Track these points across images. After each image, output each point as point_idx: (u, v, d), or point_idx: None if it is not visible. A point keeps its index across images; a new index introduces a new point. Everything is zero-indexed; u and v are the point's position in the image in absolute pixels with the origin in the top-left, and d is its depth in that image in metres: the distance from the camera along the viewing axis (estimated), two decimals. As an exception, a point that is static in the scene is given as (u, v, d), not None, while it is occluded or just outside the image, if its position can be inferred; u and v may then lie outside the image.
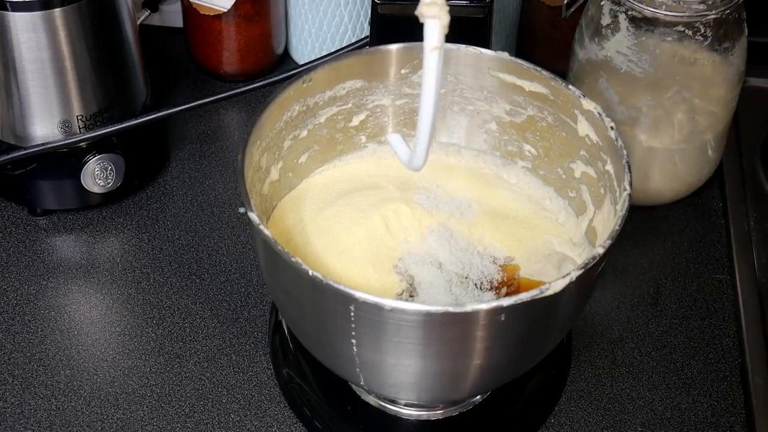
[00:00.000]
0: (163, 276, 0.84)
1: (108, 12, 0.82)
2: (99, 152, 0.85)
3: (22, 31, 0.78)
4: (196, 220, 0.89)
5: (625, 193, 0.66)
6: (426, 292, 0.70)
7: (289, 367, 0.77)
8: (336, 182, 0.79)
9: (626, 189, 0.66)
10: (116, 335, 0.80)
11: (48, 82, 0.80)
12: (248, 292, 0.83)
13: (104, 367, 0.77)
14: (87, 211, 0.89)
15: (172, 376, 0.77)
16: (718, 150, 0.90)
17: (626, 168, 0.67)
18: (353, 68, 0.75)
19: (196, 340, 0.79)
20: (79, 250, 0.86)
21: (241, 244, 0.87)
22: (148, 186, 0.92)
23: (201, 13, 0.99)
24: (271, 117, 0.71)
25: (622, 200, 0.66)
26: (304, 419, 0.74)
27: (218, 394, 0.76)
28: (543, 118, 0.75)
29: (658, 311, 0.83)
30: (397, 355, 0.61)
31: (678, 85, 0.82)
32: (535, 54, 1.00)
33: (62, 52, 0.80)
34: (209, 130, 0.99)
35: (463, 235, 0.74)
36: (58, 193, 0.86)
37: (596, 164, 0.72)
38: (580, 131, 0.73)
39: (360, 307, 0.58)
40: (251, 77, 1.03)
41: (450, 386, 0.66)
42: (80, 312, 0.81)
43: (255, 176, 0.71)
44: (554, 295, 0.58)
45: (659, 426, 0.75)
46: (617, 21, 0.82)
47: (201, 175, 0.94)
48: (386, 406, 0.74)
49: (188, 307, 0.82)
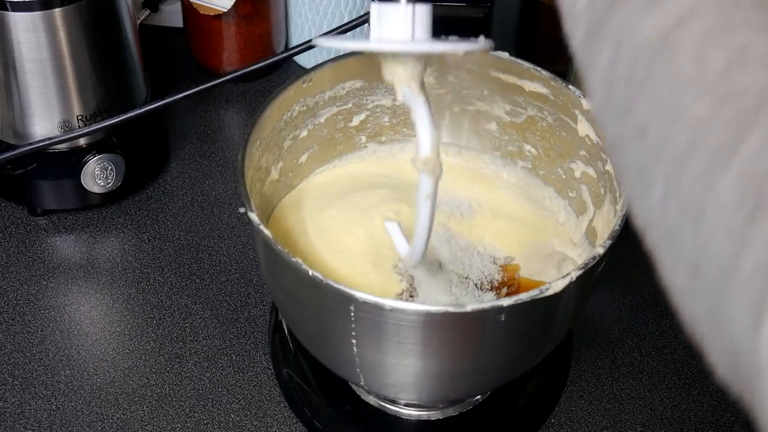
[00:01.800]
0: (163, 276, 0.84)
1: (108, 12, 0.82)
2: (99, 152, 0.85)
3: (22, 31, 0.78)
4: (196, 220, 0.89)
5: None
6: (426, 292, 0.70)
7: (289, 367, 0.77)
8: (336, 182, 0.79)
9: (626, 189, 0.66)
10: (116, 335, 0.80)
11: (48, 82, 0.80)
12: (248, 292, 0.83)
13: (104, 367, 0.77)
14: (87, 211, 0.89)
15: (172, 376, 0.77)
16: (718, 150, 0.89)
17: (626, 168, 0.67)
18: (353, 68, 0.75)
19: (196, 340, 0.79)
20: (79, 250, 0.86)
21: (241, 244, 0.87)
22: (148, 186, 0.92)
23: (201, 13, 0.99)
24: (271, 117, 0.71)
25: (622, 200, 0.66)
26: (304, 419, 0.74)
27: (218, 394, 0.76)
28: (543, 118, 0.75)
29: (658, 311, 0.83)
30: (397, 355, 0.61)
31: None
32: (535, 54, 1.00)
33: (62, 52, 0.80)
34: (209, 130, 0.99)
35: (463, 235, 0.74)
36: (58, 193, 0.86)
37: (596, 164, 0.72)
38: (580, 131, 0.73)
39: (360, 307, 0.58)
40: (251, 77, 1.03)
41: (450, 386, 0.66)
42: (80, 312, 0.81)
43: (255, 176, 0.71)
44: (554, 295, 0.58)
45: (659, 426, 0.75)
46: (617, 21, 0.82)
47: (201, 175, 0.94)
48: (386, 406, 0.74)
49: (188, 307, 0.82)
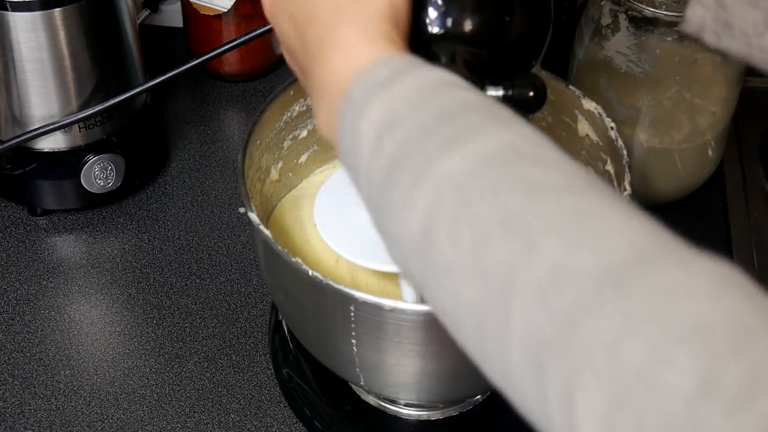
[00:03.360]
0: (163, 276, 0.84)
1: (108, 12, 0.82)
2: (99, 152, 0.85)
3: (22, 31, 0.78)
4: (196, 220, 0.89)
5: (625, 193, 0.66)
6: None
7: (289, 367, 0.77)
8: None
9: (626, 189, 0.66)
10: (116, 335, 0.80)
11: (48, 82, 0.80)
12: (248, 292, 0.83)
13: (104, 367, 0.77)
14: (87, 211, 0.89)
15: (172, 376, 0.77)
16: (718, 150, 0.90)
17: (626, 168, 0.67)
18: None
19: (196, 340, 0.79)
20: (79, 250, 0.86)
21: (241, 244, 0.87)
22: (148, 186, 0.92)
23: (201, 13, 0.99)
24: (271, 117, 0.71)
25: (622, 200, 0.66)
26: (304, 419, 0.74)
27: (218, 394, 0.76)
28: (543, 118, 0.75)
29: (658, 311, 0.83)
30: (397, 355, 0.61)
31: (678, 85, 0.82)
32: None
33: (62, 52, 0.80)
34: (209, 130, 0.99)
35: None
36: (58, 193, 0.86)
37: (596, 164, 0.72)
38: (580, 131, 0.73)
39: (360, 307, 0.58)
40: (251, 77, 1.03)
41: (450, 386, 0.66)
42: (80, 312, 0.81)
43: (255, 176, 0.71)
44: (554, 295, 0.58)
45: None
46: (617, 21, 0.82)
47: (201, 175, 0.94)
48: (386, 406, 0.74)
49: (188, 307, 0.82)
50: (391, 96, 0.42)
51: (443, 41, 0.52)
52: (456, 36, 0.52)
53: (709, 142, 0.87)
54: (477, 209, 0.38)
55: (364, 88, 0.43)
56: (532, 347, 0.36)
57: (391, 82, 0.43)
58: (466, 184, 0.39)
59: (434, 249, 0.39)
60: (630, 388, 0.32)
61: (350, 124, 0.43)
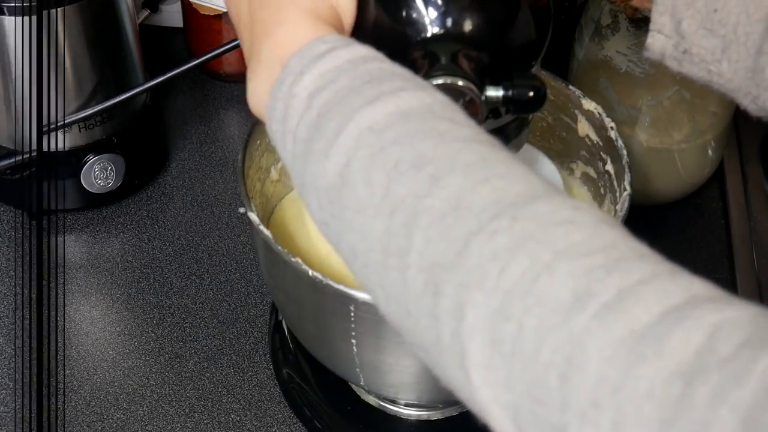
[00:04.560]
0: (163, 276, 0.84)
1: (108, 12, 0.82)
2: (99, 152, 0.85)
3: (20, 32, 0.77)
4: (196, 220, 0.89)
5: (625, 193, 0.66)
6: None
7: (289, 367, 0.77)
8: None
9: (626, 189, 0.66)
10: (116, 335, 0.80)
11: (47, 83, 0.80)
12: (248, 292, 0.83)
13: (104, 367, 0.77)
14: (87, 211, 0.89)
15: (172, 376, 0.77)
16: (718, 150, 0.89)
17: (626, 168, 0.67)
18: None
19: (196, 340, 0.79)
20: (79, 250, 0.86)
21: (241, 244, 0.87)
22: (148, 186, 0.92)
23: (201, 13, 0.99)
24: (271, 117, 0.71)
25: (622, 200, 0.66)
26: (304, 419, 0.74)
27: (218, 394, 0.76)
28: (543, 118, 0.75)
29: (658, 311, 0.83)
30: (397, 355, 0.61)
31: (678, 85, 0.82)
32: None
33: (62, 53, 0.80)
34: (209, 130, 0.99)
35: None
36: (58, 193, 0.86)
37: (596, 164, 0.72)
38: (580, 131, 0.73)
39: (360, 307, 0.58)
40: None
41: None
42: (80, 312, 0.81)
43: (255, 176, 0.71)
44: (554, 295, 0.58)
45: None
46: (617, 21, 0.82)
47: (201, 175, 0.94)
48: (386, 406, 0.74)
49: (188, 307, 0.82)
50: (325, 65, 0.46)
51: (443, 41, 0.52)
52: (456, 36, 0.52)
53: (710, 142, 0.87)
54: (391, 152, 0.42)
55: (301, 59, 0.47)
56: (430, 271, 0.39)
57: (328, 53, 0.46)
58: (384, 131, 0.42)
59: (349, 189, 0.43)
60: (514, 299, 0.36)
61: (286, 90, 0.47)
